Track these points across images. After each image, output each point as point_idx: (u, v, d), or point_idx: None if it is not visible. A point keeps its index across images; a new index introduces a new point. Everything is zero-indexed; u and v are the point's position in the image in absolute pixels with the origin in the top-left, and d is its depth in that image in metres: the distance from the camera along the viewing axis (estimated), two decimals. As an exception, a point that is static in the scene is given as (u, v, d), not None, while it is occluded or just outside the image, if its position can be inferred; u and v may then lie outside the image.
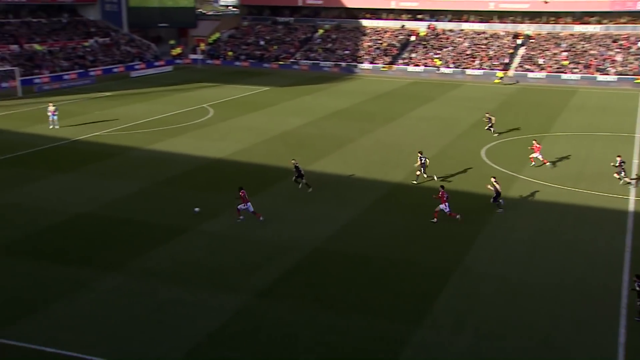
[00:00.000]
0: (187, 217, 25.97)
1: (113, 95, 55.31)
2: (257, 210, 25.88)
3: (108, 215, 26.22)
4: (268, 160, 34.81)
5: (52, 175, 31.43)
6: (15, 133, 40.27)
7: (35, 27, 70.40)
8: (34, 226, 24.84)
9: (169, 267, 21.56)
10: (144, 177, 31.53)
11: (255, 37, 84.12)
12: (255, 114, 47.95)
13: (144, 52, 76.79)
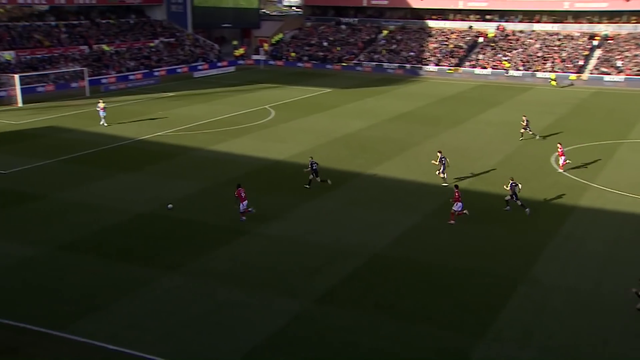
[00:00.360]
0: (247, 219, 26.33)
1: (176, 96, 56.76)
2: (313, 213, 25.98)
3: (170, 215, 26.91)
4: (329, 163, 34.91)
5: (116, 174, 32.52)
6: (83, 132, 41.89)
7: (104, 28, 73.06)
8: (99, 224, 25.75)
9: (229, 269, 21.94)
10: (205, 177, 32.21)
11: (319, 38, 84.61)
12: (317, 116, 48.22)
13: (208, 52, 78.48)
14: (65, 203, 28.13)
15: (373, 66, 76.01)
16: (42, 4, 69.53)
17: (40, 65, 59.92)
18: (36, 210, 27.28)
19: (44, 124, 43.91)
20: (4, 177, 31.72)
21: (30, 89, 54.15)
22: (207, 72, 72.44)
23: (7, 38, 61.73)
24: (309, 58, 79.97)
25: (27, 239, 24.11)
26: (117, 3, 75.80)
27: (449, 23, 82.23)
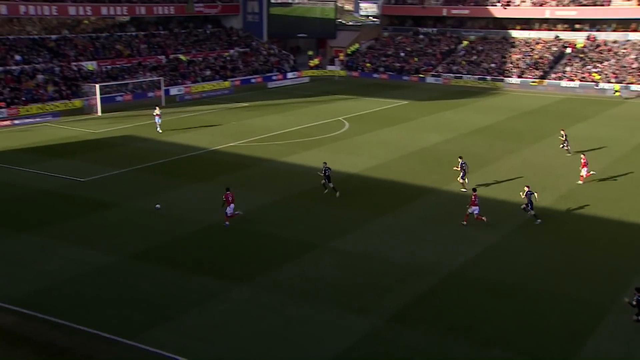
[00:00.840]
0: (318, 233, 26.50)
1: (250, 106, 57.92)
2: (386, 229, 25.81)
3: (240, 226, 27.39)
4: (404, 178, 34.70)
5: (189, 184, 33.44)
6: (158, 141, 43.36)
7: (182, 38, 75.65)
8: (171, 234, 26.52)
9: (298, 284, 22.09)
10: (277, 189, 32.64)
11: (395, 48, 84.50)
12: (392, 129, 48.06)
13: (282, 62, 79.81)
14: (139, 212, 29.15)
15: (452, 78, 75.15)
16: (124, 15, 72.77)
17: (120, 75, 62.61)
18: (111, 218, 28.39)
19: (121, 133, 45.77)
20: (82, 185, 33.21)
21: (109, 98, 56.60)
22: (282, 83, 73.61)
23: (90, 49, 64.87)
24: (385, 69, 79.93)
25: (102, 246, 25.10)
26: (195, 13, 78.39)
27: (534, 33, 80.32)
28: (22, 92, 53.90)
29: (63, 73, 59.00)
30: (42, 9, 62.28)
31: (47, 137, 44.32)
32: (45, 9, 62.48)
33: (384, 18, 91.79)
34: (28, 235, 26.17)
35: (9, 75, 55.28)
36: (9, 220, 27.98)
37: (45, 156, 38.87)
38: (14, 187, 32.70)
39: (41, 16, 65.43)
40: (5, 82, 54.29)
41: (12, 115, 50.79)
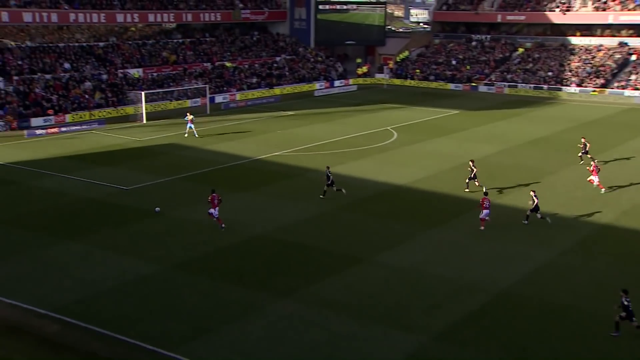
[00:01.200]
0: (364, 246, 26.40)
1: (296, 115, 58.27)
2: (435, 243, 25.51)
3: (284, 238, 27.50)
4: (454, 190, 34.31)
5: (232, 194, 33.74)
6: (202, 150, 43.98)
7: (228, 45, 76.78)
8: (214, 245, 26.79)
9: (343, 298, 22.01)
10: (322, 200, 32.65)
11: (447, 56, 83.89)
12: (443, 139, 47.64)
13: (330, 70, 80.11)
14: (181, 221, 29.56)
15: (506, 86, 74.13)
16: (170, 22, 74.31)
17: (165, 82, 63.85)
18: (154, 227, 28.86)
19: (165, 141, 46.59)
20: (125, 193, 33.90)
21: (154, 105, 57.77)
22: (329, 91, 73.87)
23: (136, 56, 66.43)
24: (435, 77, 79.42)
25: (143, 255, 25.52)
26: (241, 20, 79.48)
27: (595, 39, 78.57)
28: (69, 99, 55.47)
29: (110, 80, 60.49)
30: (90, 17, 64.08)
31: (93, 145, 45.45)
32: (93, 16, 64.28)
33: (435, 25, 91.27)
34: (72, 243, 26.81)
35: (58, 82, 56.98)
36: (54, 227, 28.73)
37: (91, 164, 39.85)
38: (59, 194, 33.59)
39: (90, 23, 67.35)
40: (54, 89, 55.97)
41: (59, 122, 52.30)
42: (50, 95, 54.79)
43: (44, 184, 35.27)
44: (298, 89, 73.78)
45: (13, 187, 34.75)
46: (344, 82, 78.44)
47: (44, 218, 30.01)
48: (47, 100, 54.10)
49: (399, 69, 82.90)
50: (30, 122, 50.98)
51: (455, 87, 76.58)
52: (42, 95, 54.39)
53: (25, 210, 31.03)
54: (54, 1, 61.74)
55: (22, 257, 25.37)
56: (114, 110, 56.69)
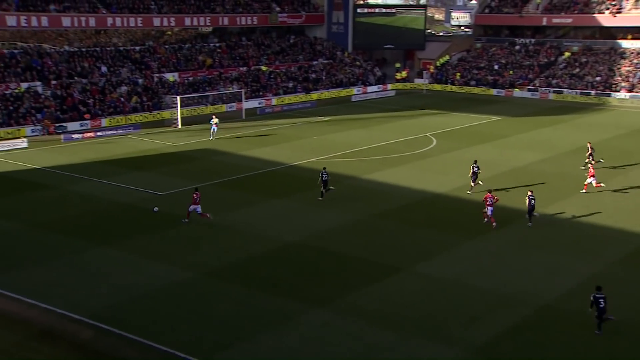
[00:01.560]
0: (402, 256, 26.26)
1: (332, 120, 58.35)
2: (475, 253, 25.24)
3: (319, 246, 27.52)
4: (500, 197, 33.88)
5: (267, 200, 33.94)
6: (236, 155, 44.34)
7: (264, 49, 77.37)
8: (247, 252, 26.95)
9: (379, 309, 21.92)
10: (359, 208, 32.62)
11: (489, 60, 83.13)
12: (483, 146, 47.18)
13: (367, 74, 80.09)
14: (214, 227, 29.81)
15: (550, 92, 73.12)
16: (207, 26, 75.26)
17: (201, 87, 64.59)
18: (188, 233, 29.17)
19: (199, 146, 47.11)
20: (159, 199, 34.34)
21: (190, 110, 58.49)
22: (366, 96, 73.85)
23: (172, 60, 67.37)
24: (477, 82, 78.75)
25: (177, 262, 25.80)
26: (278, 24, 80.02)
27: (647, 42, 76.92)
28: (106, 103, 56.49)
29: (146, 84, 61.45)
30: (127, 21, 65.28)
31: (128, 150, 46.20)
32: (130, 20, 65.46)
33: (477, 28, 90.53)
34: (106, 248, 27.26)
35: (95, 86, 58.09)
36: (87, 232, 29.25)
37: (125, 168, 40.51)
38: (93, 199, 34.20)
39: (126, 28, 68.68)
40: (91, 93, 57.06)
41: (95, 126, 53.31)
42: (87, 100, 55.88)
43: (79, 188, 35.96)
44: (335, 94, 73.89)
45: (49, 192, 35.51)
46: (382, 87, 78.32)
47: (79, 223, 30.58)
48: (84, 104, 55.21)
49: (439, 73, 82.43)
50: (67, 126, 52.03)
51: (497, 93, 75.82)
52: (79, 100, 55.52)
53: (61, 215, 31.66)
54: (92, 6, 63.09)
55: (57, 261, 25.89)
56: (149, 115, 57.57)
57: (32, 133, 49.94)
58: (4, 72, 54.89)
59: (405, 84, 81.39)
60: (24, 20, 57.78)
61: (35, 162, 42.01)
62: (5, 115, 50.19)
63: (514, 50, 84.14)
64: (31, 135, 49.40)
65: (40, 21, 58.84)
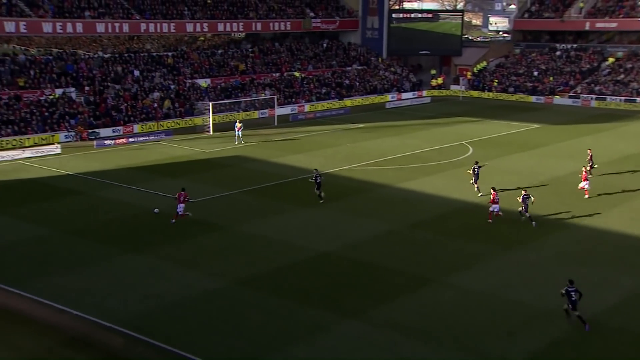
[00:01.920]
0: (437, 266, 26.09)
1: (366, 127, 58.30)
2: (514, 265, 24.91)
3: (352, 256, 27.48)
4: (535, 209, 33.45)
5: (298, 209, 34.01)
6: (268, 162, 44.56)
7: (297, 54, 77.75)
8: (278, 261, 27.02)
9: (414, 321, 21.78)
10: (393, 217, 32.52)
11: (528, 66, 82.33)
12: (522, 155, 46.68)
13: (402, 81, 79.92)
14: (245, 236, 29.98)
15: (593, 99, 72.06)
16: (240, 31, 75.93)
17: (233, 93, 65.15)
18: (219, 241, 29.38)
19: (231, 153, 47.47)
20: (190, 206, 34.62)
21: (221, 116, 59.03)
22: (401, 103, 73.65)
23: (205, 65, 68.14)
24: (515, 89, 78.02)
25: (207, 270, 26.00)
26: (312, 29, 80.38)
27: (698, 46, 75.35)
28: (138, 109, 57.32)
29: (178, 90, 62.20)
30: (160, 27, 66.24)
31: (160, 156, 46.76)
32: (164, 26, 66.40)
33: (516, 33, 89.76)
34: (137, 255, 27.59)
35: (127, 92, 58.99)
36: (119, 239, 29.65)
37: (157, 175, 40.99)
38: (125, 206, 34.67)
39: (160, 33, 69.64)
40: (124, 99, 57.96)
41: (127, 132, 54.12)
42: (120, 106, 56.77)
43: (111, 195, 36.49)
44: (369, 100, 73.90)
45: (81, 198, 36.10)
46: (417, 94, 78.09)
47: (111, 229, 31.02)
48: (117, 110, 56.09)
49: (476, 80, 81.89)
50: (99, 132, 52.87)
51: (536, 100, 75.04)
52: (112, 106, 56.43)
53: (93, 221, 32.16)
54: (126, 12, 64.16)
55: (88, 268, 26.28)
56: (181, 121, 58.24)
57: (65, 139, 50.90)
58: (39, 78, 56.10)
59: (441, 90, 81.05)
60: (59, 26, 59.04)
61: (68, 168, 42.77)
62: (40, 122, 51.22)
63: (555, 56, 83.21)
64: (64, 142, 50.35)
65: (75, 27, 60.08)
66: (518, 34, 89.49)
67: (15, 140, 48.66)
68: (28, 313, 22.58)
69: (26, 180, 40.00)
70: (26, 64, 57.95)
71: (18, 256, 27.58)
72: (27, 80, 55.28)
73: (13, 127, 49.58)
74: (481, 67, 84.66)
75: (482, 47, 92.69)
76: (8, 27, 56.02)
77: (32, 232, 30.49)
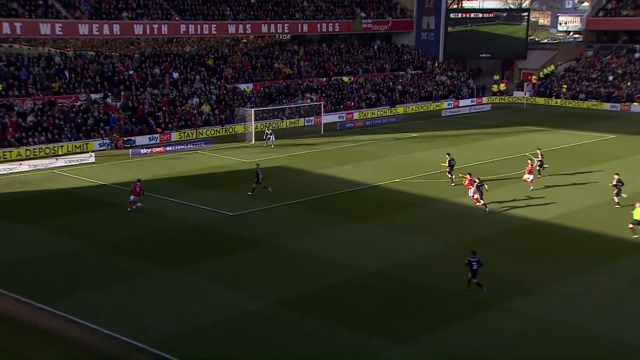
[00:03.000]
0: (497, 290, 25.75)
1: (420, 137, 58.04)
2: (583, 291, 24.45)
3: (403, 276, 27.33)
4: (607, 229, 32.88)
5: (346, 224, 34.00)
6: (313, 174, 44.70)
7: (346, 57, 77.98)
8: (323, 281, 27.01)
9: (471, 350, 21.55)
10: (448, 234, 32.29)
11: (602, 70, 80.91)
12: (594, 168, 45.84)
13: (460, 87, 79.41)
14: (288, 253, 30.09)
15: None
16: (285, 33, 76.58)
17: (277, 98, 65.65)
18: (260, 258, 29.55)
19: (274, 164, 47.78)
20: (230, 220, 35.01)
21: (263, 124, 59.53)
22: (458, 110, 73.19)
23: (248, 69, 68.85)
24: (587, 96, 76.73)
25: (247, 289, 26.16)
26: (362, 30, 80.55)
27: None
28: (176, 116, 58.20)
29: (219, 95, 62.91)
30: (201, 28, 67.28)
31: (198, 166, 47.38)
32: (204, 27, 67.45)
33: (589, 34, 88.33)
34: (173, 272, 27.94)
35: (165, 98, 59.95)
36: (154, 254, 30.10)
37: (195, 186, 41.52)
38: (161, 219, 35.19)
39: (200, 35, 70.74)
40: (161, 104, 58.90)
41: (164, 141, 55.01)
42: (157, 112, 57.70)
43: (146, 207, 37.07)
44: (423, 107, 73.65)
45: (115, 210, 36.79)
46: (477, 101, 77.51)
47: (145, 244, 31.52)
48: (154, 117, 57.01)
49: (543, 86, 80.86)
50: (135, 140, 53.81)
51: (611, 108, 73.68)
52: (149, 112, 57.39)
53: (126, 235, 32.73)
54: (165, 12, 65.44)
55: (121, 285, 26.71)
56: (221, 129, 58.93)
57: (99, 147, 52.00)
58: (74, 83, 57.44)
59: (503, 97, 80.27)
60: (95, 28, 60.52)
61: (102, 177, 43.68)
62: (74, 128, 52.43)
63: (634, 58, 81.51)
64: (98, 150, 51.43)
65: (112, 29, 61.48)
66: (591, 34, 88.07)
67: (49, 149, 49.93)
68: (58, 332, 23.05)
69: (59, 190, 40.97)
70: (60, 65, 59.36)
71: (49, 271, 28.22)
72: (61, 85, 56.71)
73: (47, 135, 50.89)
74: (548, 72, 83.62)
75: (550, 49, 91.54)
76: (44, 29, 57.68)
77: (64, 246, 31.18)
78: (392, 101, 72.32)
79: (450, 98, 76.81)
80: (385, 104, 71.66)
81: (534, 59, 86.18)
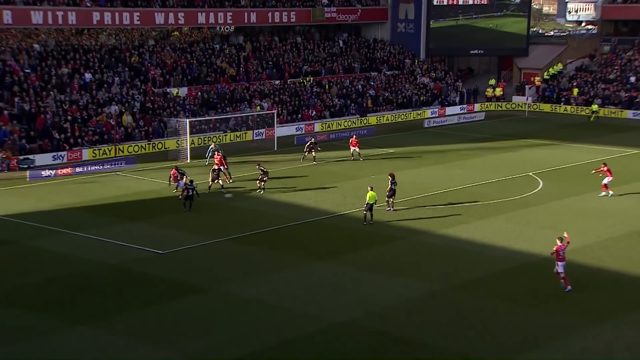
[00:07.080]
0: (493, 345, 25.92)
1: (397, 153, 58.39)
2: (603, 345, 24.71)
3: (379, 328, 27.31)
4: (631, 267, 33.34)
5: (306, 262, 33.95)
6: (265, 201, 44.64)
7: (305, 54, 78.26)
8: (278, 335, 26.83)
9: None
10: (434, 275, 32.43)
11: (622, 70, 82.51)
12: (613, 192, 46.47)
13: (447, 90, 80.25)
14: (234, 300, 29.86)
15: None
16: (228, 24, 76.24)
17: (220, 106, 65.33)
18: (196, 308, 29.22)
19: (214, 187, 47.48)
20: (159, 259, 34.72)
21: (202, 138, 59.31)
22: (444, 120, 73.88)
23: (181, 67, 68.42)
24: (603, 101, 78.08)
25: (182, 349, 25.90)
26: (324, 21, 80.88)
27: None
28: (88, 128, 57.58)
29: (144, 103, 62.42)
30: (120, 17, 66.64)
31: (118, 192, 46.96)
32: (124, 16, 66.94)
33: (605, 24, 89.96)
34: (84, 328, 27.47)
35: (74, 105, 59.27)
36: (59, 306, 29.54)
37: (114, 218, 41.11)
38: (69, 260, 34.67)
39: (119, 26, 70.21)
40: (70, 113, 58.11)
41: (73, 160, 54.40)
42: (63, 123, 56.95)
43: (49, 245, 36.57)
44: (401, 117, 74.33)
45: (8, 249, 36.19)
46: (467, 108, 78.41)
47: (48, 293, 30.94)
48: (59, 129, 56.17)
49: (549, 89, 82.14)
50: (34, 159, 52.95)
51: (633, 116, 75.08)
52: (53, 123, 56.62)
53: (23, 282, 32.10)
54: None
55: (14, 348, 26.03)
56: (148, 144, 58.58)
57: (-14, 169, 51.19)
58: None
59: (500, 103, 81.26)
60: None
61: (-8, 207, 43.05)
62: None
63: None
64: (-15, 172, 50.68)
65: (2, 17, 60.36)
66: (608, 25, 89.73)
67: None
68: None
69: None
70: None
71: None
72: None
73: None
74: (555, 72, 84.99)
75: (557, 43, 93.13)
76: None
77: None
78: (363, 109, 72.75)
79: (435, 105, 77.62)
80: (354, 112, 72.05)
81: (538, 56, 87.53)
